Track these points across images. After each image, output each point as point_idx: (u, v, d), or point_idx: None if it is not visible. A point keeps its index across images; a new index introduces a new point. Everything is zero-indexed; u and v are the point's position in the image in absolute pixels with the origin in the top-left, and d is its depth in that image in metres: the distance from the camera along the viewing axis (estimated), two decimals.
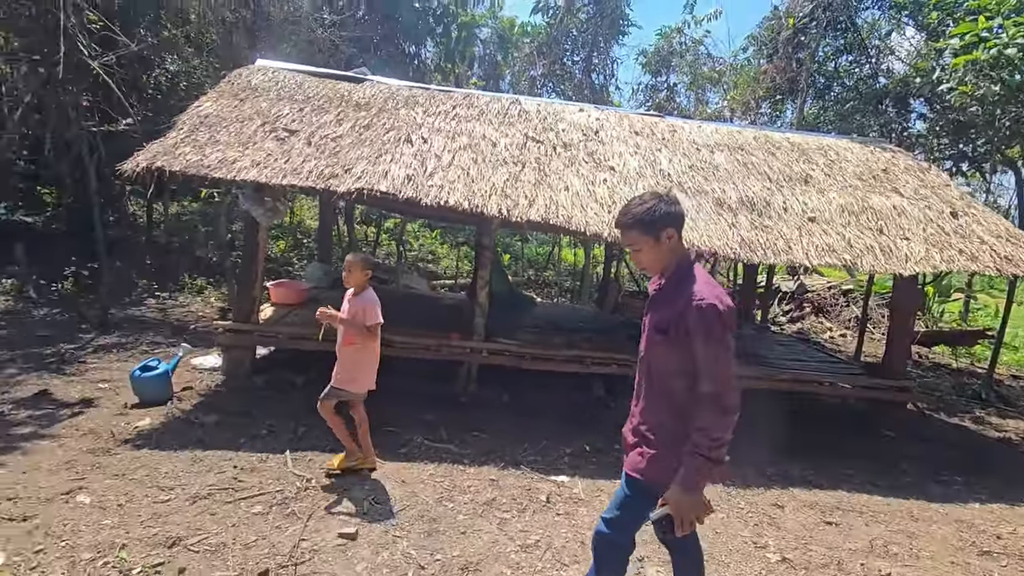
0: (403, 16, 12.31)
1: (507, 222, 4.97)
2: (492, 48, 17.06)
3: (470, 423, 4.94)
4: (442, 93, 6.60)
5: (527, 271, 17.44)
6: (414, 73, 12.78)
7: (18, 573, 2.44)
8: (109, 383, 5.10)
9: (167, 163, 4.49)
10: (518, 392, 5.86)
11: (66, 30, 6.59)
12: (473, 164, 5.32)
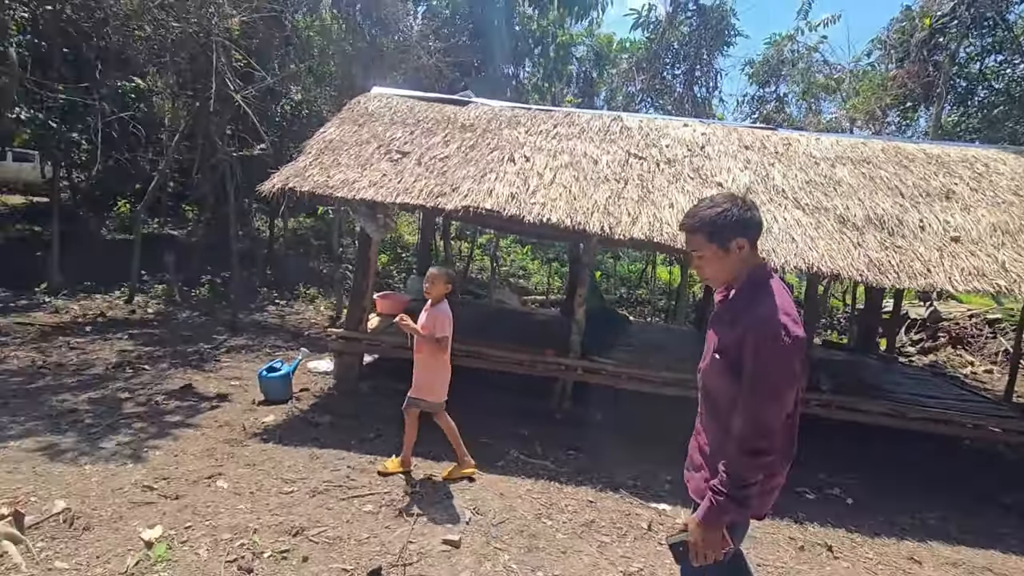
0: (503, 39, 12.75)
1: (609, 239, 4.93)
2: (588, 65, 17.15)
3: (565, 440, 4.89)
4: (543, 112, 6.72)
5: (619, 289, 17.13)
6: (512, 93, 13.16)
7: (172, 545, 2.75)
8: (239, 380, 5.66)
9: (298, 184, 4.96)
10: (612, 412, 5.72)
11: (216, 69, 7.54)
12: (575, 182, 5.34)
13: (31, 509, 2.83)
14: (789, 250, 4.64)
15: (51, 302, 7.72)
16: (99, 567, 2.54)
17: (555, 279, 17.12)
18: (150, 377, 5.43)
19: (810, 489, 4.43)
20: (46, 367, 5.32)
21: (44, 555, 2.56)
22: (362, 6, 10.81)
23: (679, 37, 12.94)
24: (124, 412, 4.49)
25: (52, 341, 6.14)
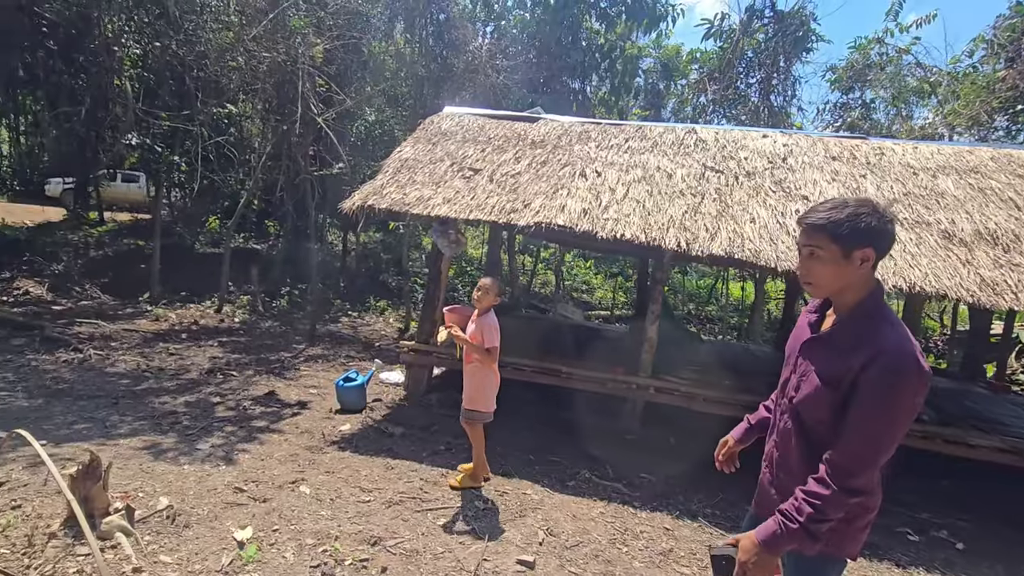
0: (570, 55, 12.80)
1: (685, 256, 4.77)
2: (655, 78, 16.88)
3: (637, 463, 4.73)
4: (613, 127, 6.65)
5: (687, 305, 16.59)
6: (578, 108, 13.15)
7: (262, 547, 2.88)
8: (317, 389, 5.91)
9: (376, 201, 5.15)
10: (685, 434, 5.49)
11: (301, 94, 8.04)
12: (648, 196, 5.23)
13: (139, 504, 3.05)
14: (886, 268, 4.30)
15: (152, 310, 8.42)
16: (198, 563, 2.68)
17: (619, 294, 16.82)
18: (238, 383, 5.77)
19: (913, 530, 4.03)
20: (149, 371, 5.79)
21: (151, 548, 2.75)
22: (433, 29, 11.21)
23: (754, 45, 12.49)
24: (216, 416, 4.78)
25: (154, 347, 6.68)
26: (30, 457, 3.51)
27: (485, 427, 3.89)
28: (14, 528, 2.72)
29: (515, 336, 6.74)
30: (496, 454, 4.56)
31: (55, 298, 8.48)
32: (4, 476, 3.18)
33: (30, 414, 4.31)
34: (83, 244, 11.06)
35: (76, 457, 3.30)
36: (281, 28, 8.21)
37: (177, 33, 8.24)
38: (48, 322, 6.99)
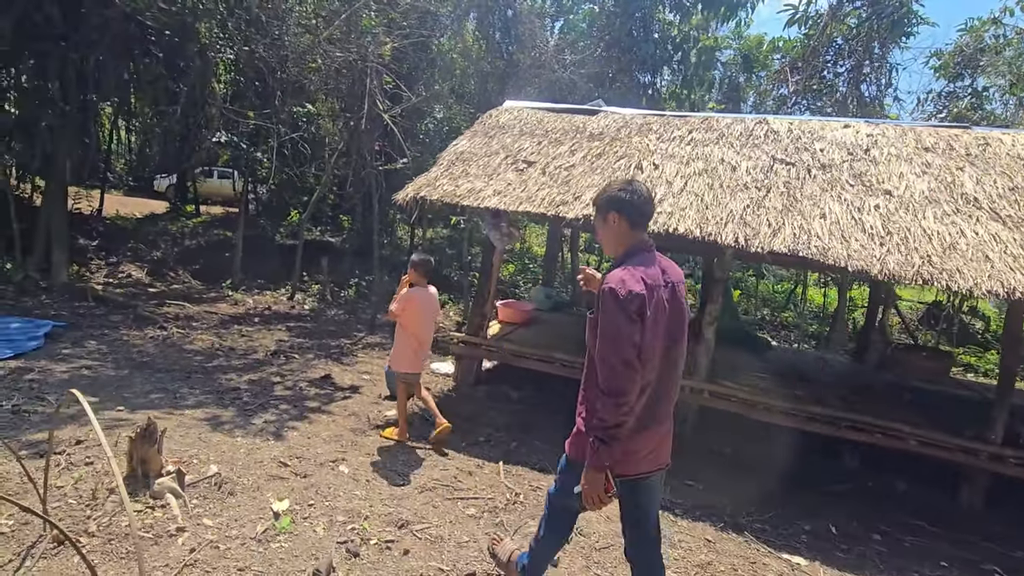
0: (640, 48, 12.43)
1: (745, 252, 4.47)
2: (734, 69, 16.05)
3: (683, 469, 4.48)
4: (678, 118, 6.36)
5: (761, 310, 15.64)
6: (648, 102, 12.75)
7: (296, 519, 3.00)
8: (370, 375, 6.11)
9: (428, 193, 5.24)
10: (740, 444, 5.16)
11: (369, 92, 8.34)
12: (708, 190, 4.95)
13: (191, 470, 3.28)
14: (980, 271, 3.81)
15: (232, 295, 9.08)
16: (235, 529, 2.84)
17: (688, 295, 16.16)
18: (298, 365, 6.09)
19: (1003, 569, 3.54)
20: (221, 350, 6.24)
21: (196, 511, 2.94)
22: (501, 26, 11.26)
23: (843, 31, 11.52)
24: (274, 394, 5.07)
25: (228, 328, 7.20)
26: (108, 420, 3.87)
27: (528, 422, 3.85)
28: (84, 482, 3.01)
29: (567, 333, 6.65)
30: (535, 449, 4.51)
31: (152, 281, 9.36)
32: (83, 435, 3.53)
33: (114, 383, 4.76)
34: (179, 234, 12.14)
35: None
36: (354, 28, 8.56)
37: (264, 38, 8.82)
38: (142, 302, 7.73)
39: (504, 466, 4.07)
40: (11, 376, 4.59)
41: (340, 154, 9.47)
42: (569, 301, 10.80)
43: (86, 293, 7.60)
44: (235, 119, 9.23)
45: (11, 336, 5.45)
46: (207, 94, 9.09)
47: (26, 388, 4.37)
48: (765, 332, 13.60)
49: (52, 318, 6.30)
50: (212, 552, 2.61)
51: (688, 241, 4.56)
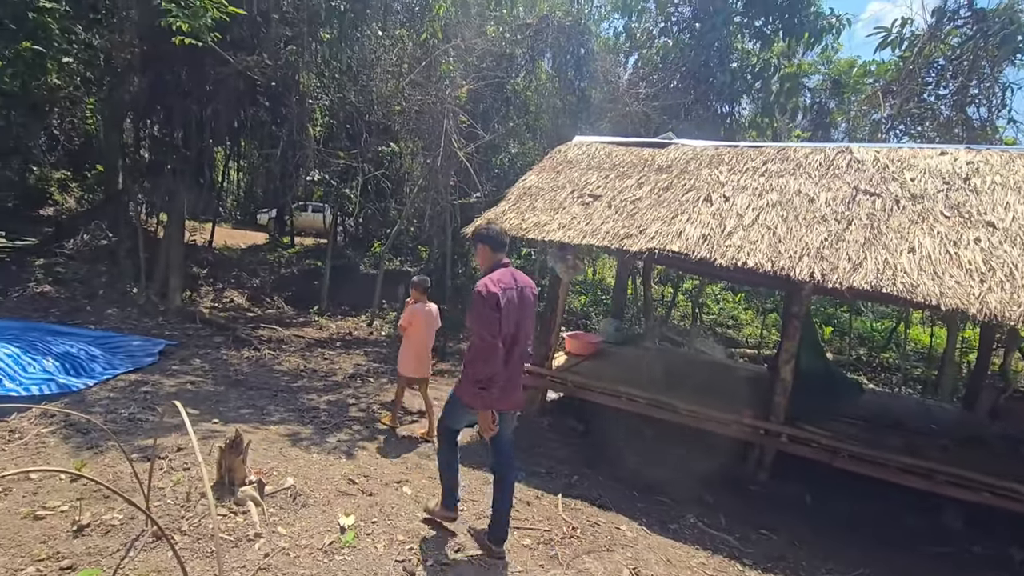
0: (717, 78, 12.25)
1: (822, 288, 4.26)
2: (823, 95, 15.36)
3: (756, 517, 4.25)
4: (752, 149, 6.21)
5: (856, 350, 14.46)
6: (726, 132, 12.47)
7: (359, 534, 3.16)
8: (439, 401, 6.27)
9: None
10: (823, 494, 4.78)
11: (447, 132, 8.85)
12: (782, 222, 4.78)
13: (270, 481, 3.56)
14: None
15: (318, 321, 9.76)
16: (305, 539, 3.04)
17: (771, 332, 15.25)
18: (372, 388, 6.41)
19: None
20: (305, 371, 6.72)
21: (272, 519, 3.18)
22: (574, 63, 11.57)
23: (944, 51, 10.74)
24: (348, 415, 5.38)
25: (313, 351, 7.73)
26: (204, 431, 4.30)
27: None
28: (180, 485, 3.36)
29: (637, 368, 6.53)
30: (597, 484, 4.44)
31: (250, 306, 10.28)
32: (183, 444, 3.94)
33: (213, 397, 5.27)
34: (276, 263, 13.28)
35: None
36: (434, 73, 9.18)
37: (354, 85, 9.66)
38: (241, 325, 8.51)
39: (563, 499, 4.04)
40: (130, 387, 5.21)
41: (420, 189, 10.04)
42: (640, 335, 10.59)
43: (195, 316, 8.49)
44: (328, 159, 10.09)
45: (132, 352, 6.21)
46: (304, 137, 10.05)
47: (141, 399, 4.95)
48: (860, 374, 12.53)
49: (166, 337, 7.10)
50: (283, 559, 2.81)
51: (760, 275, 4.41)
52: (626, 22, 13.12)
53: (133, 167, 11.20)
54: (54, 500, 3.01)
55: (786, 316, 5.46)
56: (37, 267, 9.30)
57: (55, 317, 7.24)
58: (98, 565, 2.54)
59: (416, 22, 9.91)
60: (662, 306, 15.85)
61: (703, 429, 5.21)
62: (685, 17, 12.95)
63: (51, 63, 9.15)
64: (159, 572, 2.55)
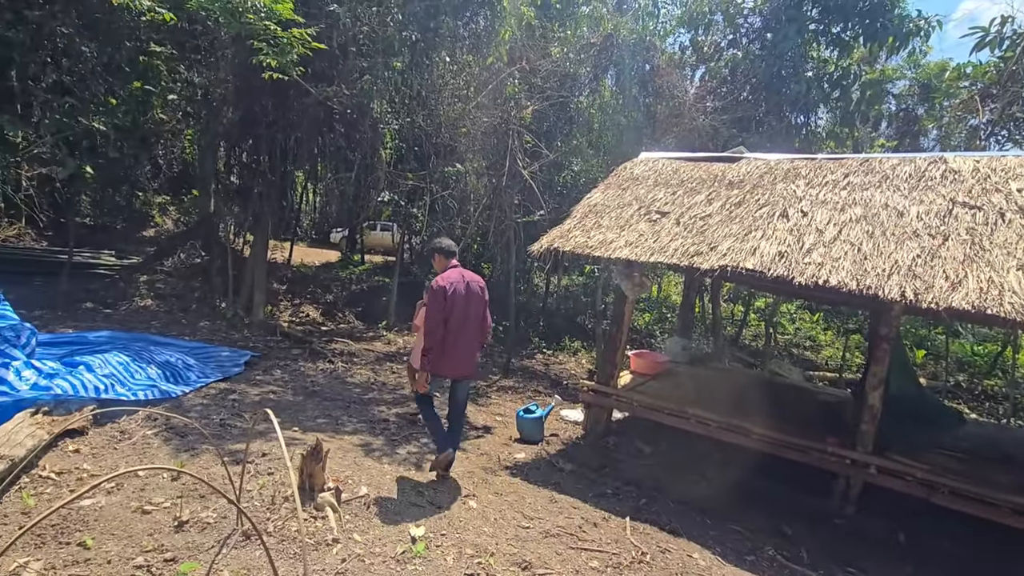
0: (791, 88, 11.79)
1: (914, 308, 3.96)
2: (910, 102, 14.39)
3: (842, 553, 3.96)
4: (831, 161, 5.91)
5: (954, 375, 13.23)
6: (801, 144, 11.93)
7: (429, 545, 3.22)
8: (502, 417, 6.35)
9: (561, 244, 5.48)
10: (918, 532, 4.39)
11: (511, 152, 9.02)
12: (867, 238, 4.50)
13: (346, 489, 3.71)
14: None
15: (386, 335, 10.12)
16: (379, 547, 3.14)
17: (855, 354, 14.24)
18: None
19: None
20: (375, 384, 6.97)
21: (348, 526, 3.31)
22: (638, 80, 11.51)
23: None
24: (416, 428, 5.52)
25: (382, 365, 8.01)
26: (286, 438, 4.53)
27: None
28: (266, 489, 3.57)
29: (705, 388, 6.31)
30: (666, 509, 4.31)
31: (324, 320, 10.83)
32: (268, 449, 4.19)
33: (292, 407, 5.58)
34: (348, 280, 13.93)
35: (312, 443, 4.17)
36: (499, 95, 9.42)
37: (423, 109, 10.09)
38: (316, 339, 8.98)
39: (631, 522, 3.94)
40: (220, 395, 5.61)
41: (484, 208, 10.26)
42: (709, 354, 10.21)
43: (276, 329, 9.05)
44: (396, 180, 10.55)
45: (222, 362, 6.69)
46: (376, 160, 10.57)
47: (230, 406, 5.32)
48: (959, 402, 11.45)
49: (250, 349, 7.60)
50: (359, 564, 2.92)
51: (842, 294, 4.17)
52: (692, 36, 12.93)
53: (224, 191, 12.18)
54: (158, 497, 3.29)
55: (873, 338, 5.12)
56: (141, 283, 10.27)
57: (156, 328, 7.94)
58: (195, 559, 2.75)
59: (482, 47, 10.25)
60: (732, 325, 15.22)
61: (779, 456, 4.94)
62: (755, 28, 12.61)
63: (157, 100, 10.20)
64: (248, 570, 2.72)
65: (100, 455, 3.86)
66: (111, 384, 4.90)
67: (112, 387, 4.88)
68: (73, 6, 8.13)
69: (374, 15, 8.76)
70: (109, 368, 5.16)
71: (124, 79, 9.24)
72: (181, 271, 11.31)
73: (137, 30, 9.04)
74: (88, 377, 4.81)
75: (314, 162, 11.50)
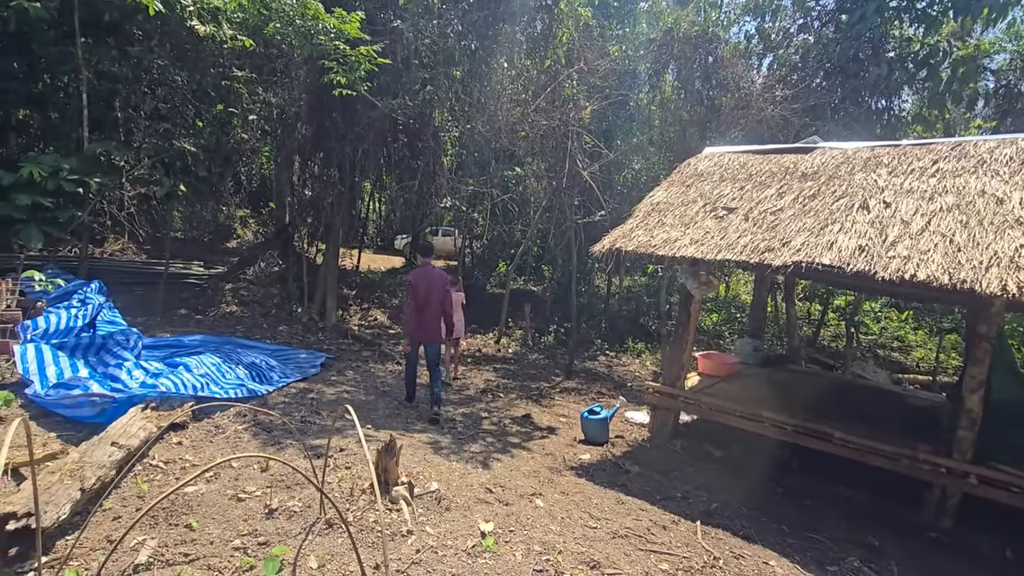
0: (870, 71, 11.04)
1: (1018, 303, 3.63)
2: (1012, 77, 13.09)
3: (938, 569, 3.69)
4: (917, 148, 5.51)
5: None
6: (883, 130, 11.15)
7: (498, 540, 3.30)
8: (566, 418, 6.35)
9: (623, 244, 5.42)
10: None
11: (570, 153, 9.02)
12: (961, 228, 4.17)
13: (418, 484, 3.86)
14: None
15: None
16: (450, 540, 3.25)
17: (951, 356, 13.09)
18: (502, 404, 6.65)
19: None
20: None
21: (420, 519, 3.45)
22: (701, 73, 11.17)
23: None
24: (482, 428, 5.64)
25: (447, 367, 8.21)
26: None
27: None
28: (344, 482, 3.78)
29: (780, 390, 6.04)
30: (738, 513, 4.17)
31: (391, 324, 11.24)
32: (345, 445, 4.43)
33: (365, 405, 5.85)
34: None
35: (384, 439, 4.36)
36: (557, 97, 9.45)
37: (482, 115, 10.29)
38: (384, 341, 9.34)
39: (702, 526, 3.85)
40: (299, 394, 5.98)
41: (544, 210, 10.31)
42: (784, 356, 9.73)
43: (347, 332, 9.50)
44: (457, 186, 10.81)
45: (300, 364, 7.12)
46: (437, 167, 10.88)
47: (308, 404, 5.65)
48: None
49: (324, 351, 8.03)
50: (432, 556, 3.03)
51: (933, 290, 3.88)
52: (759, 23, 12.41)
53: (298, 203, 12.94)
54: (251, 486, 3.56)
55: (971, 337, 4.72)
56: (226, 291, 11.08)
57: (240, 332, 8.56)
58: (285, 544, 2.96)
59: (540, 50, 10.32)
60: (808, 325, 14.42)
61: (863, 463, 4.64)
62: (828, 10, 11.93)
63: (238, 120, 11.01)
64: (332, 555, 2.90)
65: (199, 447, 4.22)
66: (206, 383, 5.34)
67: (207, 385, 5.31)
68: (167, 39, 8.95)
69: (435, 27, 9.04)
70: (204, 368, 5.63)
71: (210, 103, 10.05)
72: (261, 279, 12.10)
73: (221, 57, 9.81)
74: (187, 376, 5.27)
75: (380, 172, 12.00)
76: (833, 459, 4.77)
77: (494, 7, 9.53)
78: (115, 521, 3.11)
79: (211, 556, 2.84)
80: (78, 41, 7.70)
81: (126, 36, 8.58)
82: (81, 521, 2.97)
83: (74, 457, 3.39)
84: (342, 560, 2.88)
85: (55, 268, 7.60)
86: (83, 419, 4.26)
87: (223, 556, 2.85)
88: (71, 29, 7.74)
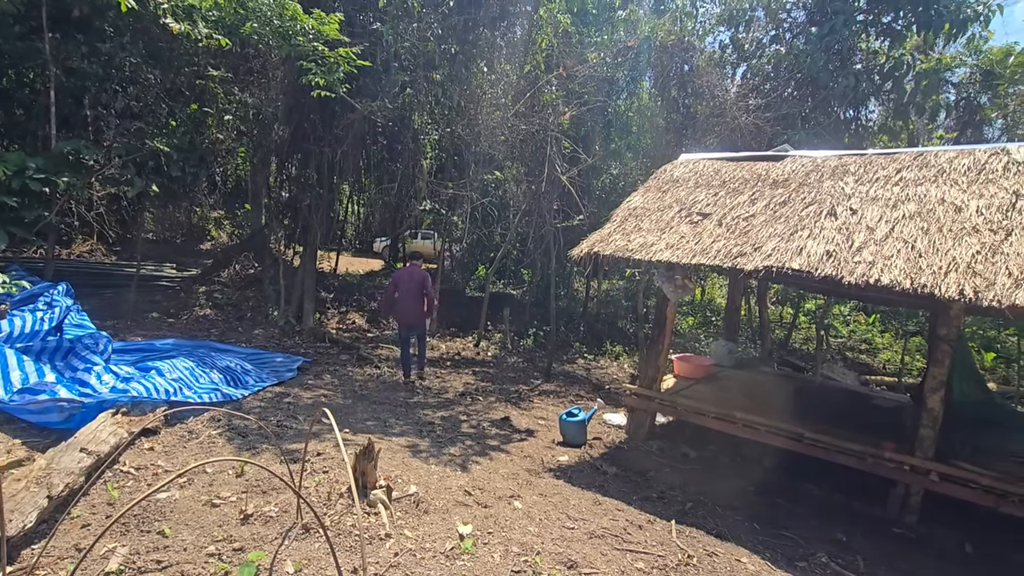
0: (838, 82, 11.40)
1: (975, 307, 3.79)
2: (971, 90, 13.65)
3: (903, 563, 3.82)
4: (882, 156, 5.72)
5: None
6: (851, 139, 11.52)
7: (476, 543, 3.31)
8: (545, 420, 6.40)
9: (601, 248, 5.50)
10: (987, 543, 4.17)
11: (550, 158, 9.10)
12: (922, 234, 4.34)
13: (396, 487, 3.85)
14: None
15: (429, 341, 10.32)
16: (428, 543, 3.25)
17: (915, 358, 13.55)
18: (481, 407, 6.67)
19: None
20: (419, 388, 7.15)
21: (399, 522, 3.45)
22: (677, 81, 11.39)
23: None
24: (461, 431, 5.64)
25: (426, 370, 8.20)
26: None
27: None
28: (322, 487, 3.75)
29: (753, 392, 6.18)
30: (713, 512, 4.26)
31: (370, 327, 11.16)
32: (322, 449, 4.39)
33: (343, 409, 5.80)
34: None
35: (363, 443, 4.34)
36: (536, 102, 9.53)
37: (462, 119, 10.32)
38: (362, 344, 9.27)
39: (677, 525, 3.92)
40: (275, 398, 5.90)
41: (523, 214, 10.37)
42: (757, 358, 9.95)
43: (324, 336, 9.40)
44: (437, 189, 10.81)
45: (276, 368, 7.02)
46: (417, 170, 10.86)
47: (285, 408, 5.58)
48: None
49: (301, 355, 7.93)
50: (411, 559, 3.04)
51: (896, 294, 4.04)
52: (733, 34, 12.70)
53: (275, 205, 12.77)
54: (225, 492, 3.51)
55: (933, 339, 4.91)
56: (200, 293, 10.86)
57: (215, 336, 8.40)
58: (261, 549, 2.93)
59: (519, 56, 10.40)
60: (780, 328, 14.77)
61: (832, 462, 4.79)
62: (799, 22, 12.28)
63: (212, 120, 10.83)
64: (309, 560, 2.88)
65: (172, 452, 4.14)
66: (179, 387, 5.24)
67: (180, 390, 5.21)
68: (139, 37, 8.76)
69: (415, 31, 9.03)
70: (177, 373, 5.52)
71: (184, 102, 9.87)
72: (236, 282, 11.90)
73: (195, 56, 9.65)
74: (159, 381, 5.16)
75: (358, 174, 11.93)
76: (804, 458, 4.91)
77: (474, 12, 9.57)
78: (84, 529, 3.03)
79: (185, 563, 2.79)
80: (46, 36, 7.49)
81: (96, 32, 8.37)
82: (48, 529, 2.90)
83: (41, 464, 3.30)
84: (319, 564, 2.86)
85: (20, 270, 7.35)
86: (50, 425, 4.15)
87: (197, 563, 2.81)
88: (39, 24, 7.54)
